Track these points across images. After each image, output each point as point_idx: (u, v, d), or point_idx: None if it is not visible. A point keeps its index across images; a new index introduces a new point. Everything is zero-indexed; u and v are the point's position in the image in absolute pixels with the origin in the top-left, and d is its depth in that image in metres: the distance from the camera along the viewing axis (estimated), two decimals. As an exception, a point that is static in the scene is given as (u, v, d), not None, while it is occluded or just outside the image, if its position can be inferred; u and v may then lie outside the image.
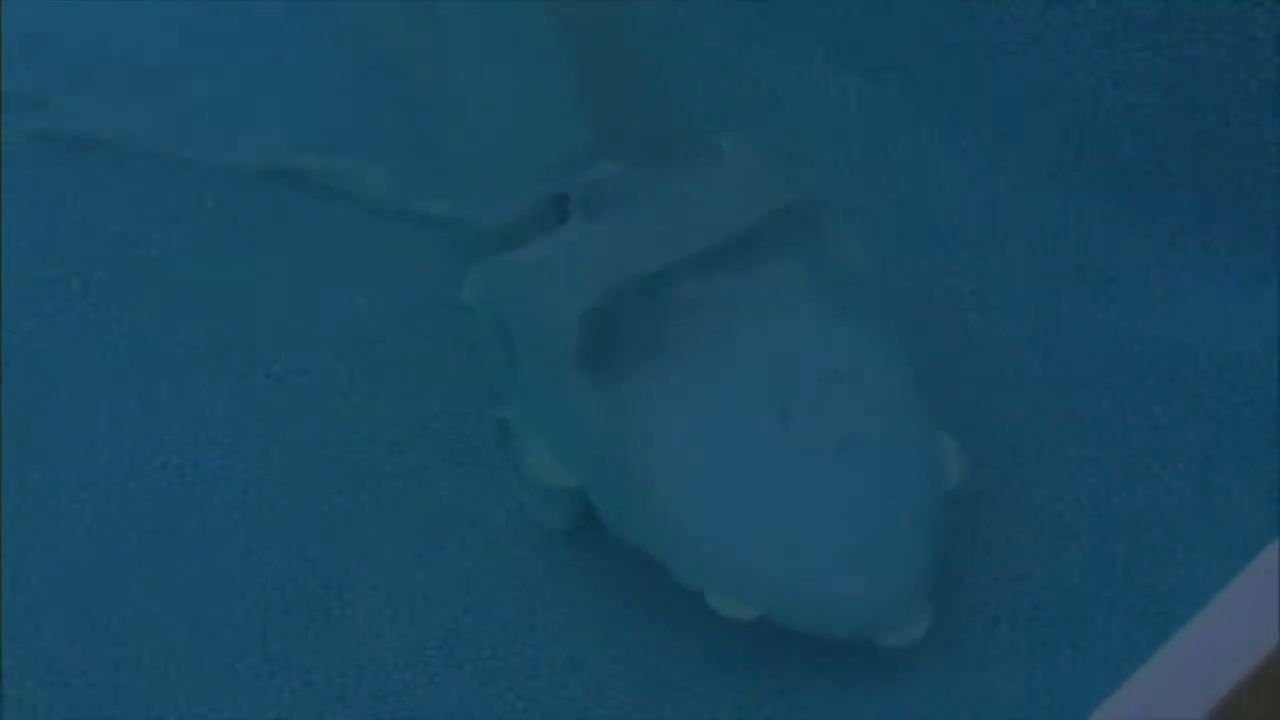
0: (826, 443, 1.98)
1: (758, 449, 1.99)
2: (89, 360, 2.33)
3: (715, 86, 2.49)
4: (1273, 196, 2.32)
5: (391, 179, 2.45)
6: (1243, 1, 2.27)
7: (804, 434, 1.99)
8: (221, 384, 2.30)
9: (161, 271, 2.41)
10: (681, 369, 2.03)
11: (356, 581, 2.12)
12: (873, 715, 1.96)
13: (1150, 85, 2.37)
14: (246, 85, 2.60)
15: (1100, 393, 2.23)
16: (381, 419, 2.25)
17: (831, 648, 1.96)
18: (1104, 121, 2.40)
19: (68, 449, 2.25)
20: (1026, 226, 2.40)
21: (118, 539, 2.18)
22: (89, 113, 2.56)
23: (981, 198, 2.43)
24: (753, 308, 2.08)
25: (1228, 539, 1.99)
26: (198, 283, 2.39)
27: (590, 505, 2.06)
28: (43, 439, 2.26)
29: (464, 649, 2.06)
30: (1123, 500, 2.12)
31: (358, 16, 2.63)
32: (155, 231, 2.45)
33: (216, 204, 2.48)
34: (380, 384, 2.29)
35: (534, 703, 2.01)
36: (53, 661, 2.07)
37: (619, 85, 2.32)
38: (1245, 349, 2.24)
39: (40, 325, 2.37)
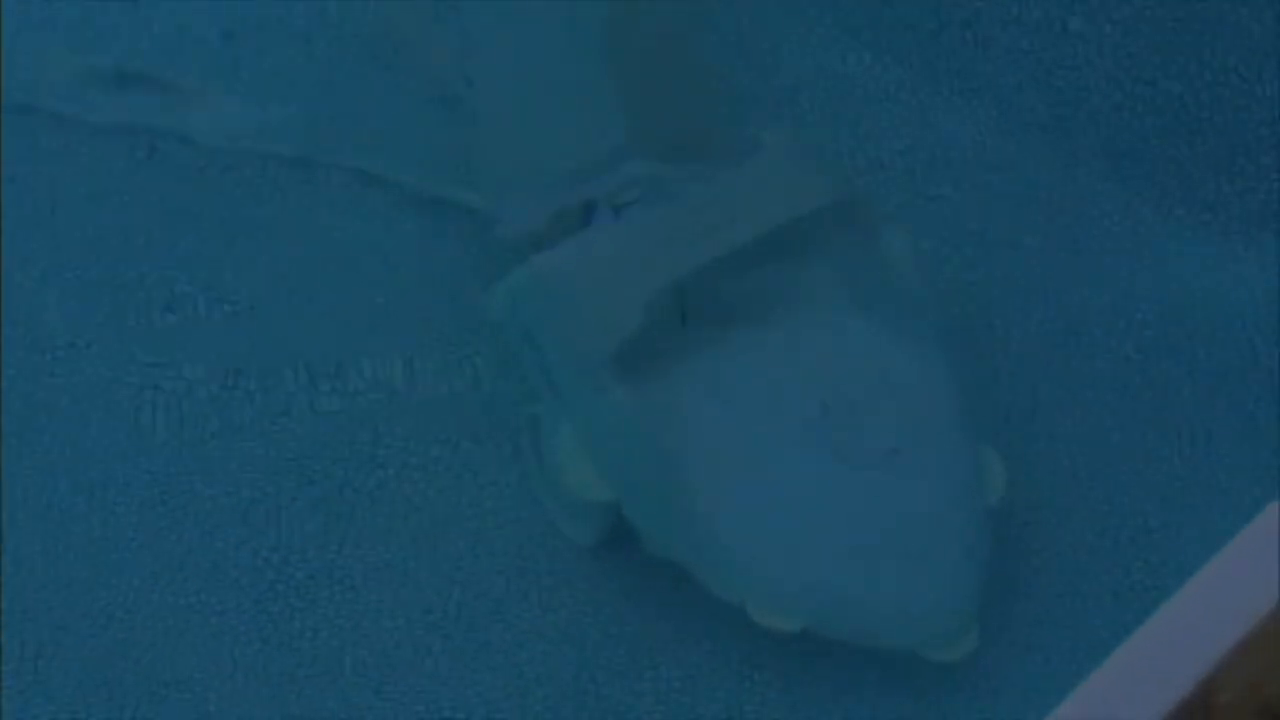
0: (870, 453, 1.95)
1: (798, 458, 1.96)
2: (92, 338, 2.31)
3: (754, 79, 2.44)
4: (1268, 159, 2.32)
5: (424, 168, 2.38)
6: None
7: (846, 443, 1.96)
8: (228, 364, 2.27)
9: (184, 254, 2.38)
10: (719, 376, 2.00)
11: (355, 570, 2.11)
12: (917, 731, 1.94)
13: (1144, 49, 2.38)
14: (281, 75, 2.53)
15: (1095, 356, 2.23)
16: (404, 412, 2.22)
17: (876, 661, 1.95)
18: (1099, 87, 2.40)
19: (66, 432, 2.24)
20: (1022, 190, 2.39)
21: (115, 520, 2.17)
22: (132, 101, 2.49)
23: (981, 162, 2.42)
24: (792, 312, 2.05)
25: (1225, 502, 1.99)
26: (219, 263, 2.36)
27: (619, 520, 2.02)
28: (39, 423, 2.24)
29: (493, 660, 2.04)
30: (1121, 467, 2.12)
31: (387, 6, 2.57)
32: (177, 212, 2.41)
33: (243, 189, 2.44)
34: (404, 374, 2.25)
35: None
36: (49, 644, 2.08)
37: (653, 80, 2.27)
38: (1240, 310, 2.25)
39: (46, 306, 2.34)
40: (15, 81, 2.45)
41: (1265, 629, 1.31)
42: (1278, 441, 2.10)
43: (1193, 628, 1.31)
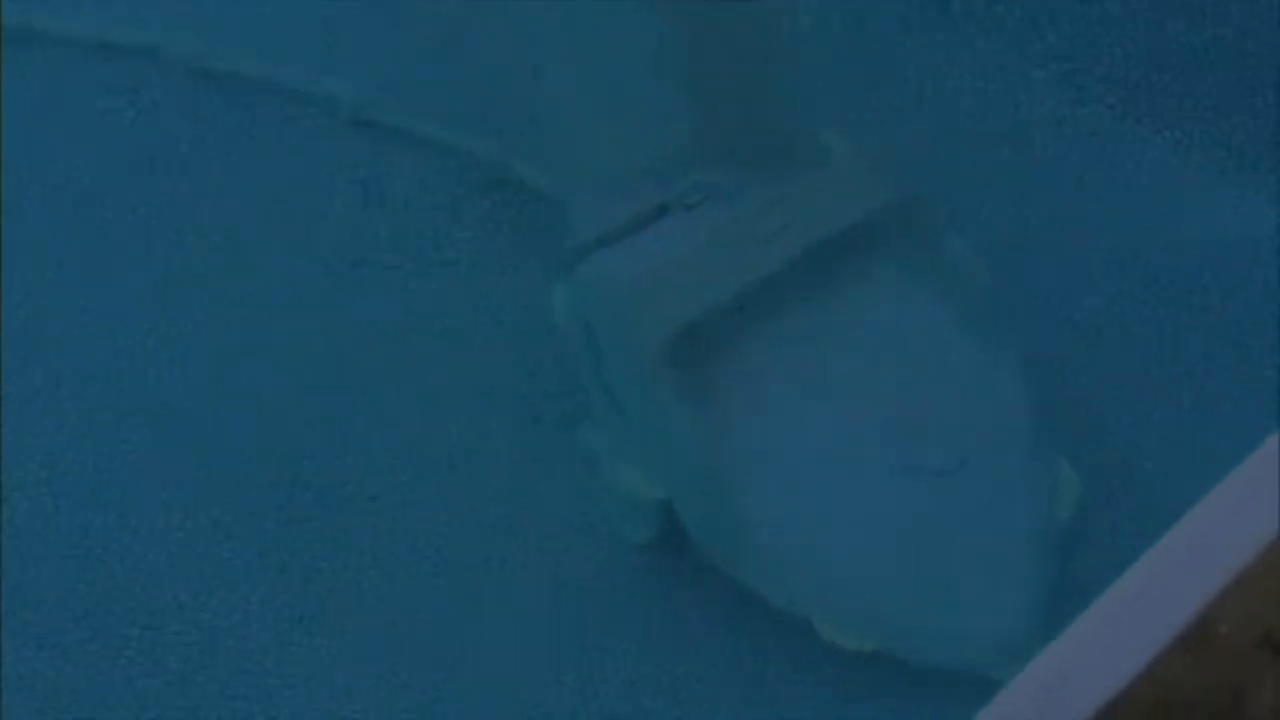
0: (935, 463, 1.89)
1: (861, 468, 1.90)
2: (101, 260, 2.33)
3: (822, 83, 2.37)
4: (1275, 96, 2.31)
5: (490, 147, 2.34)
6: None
7: (912, 453, 1.90)
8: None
9: (240, 209, 2.37)
10: (779, 383, 1.95)
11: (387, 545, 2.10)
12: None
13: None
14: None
15: (1100, 295, 2.23)
16: (458, 397, 2.20)
17: (939, 679, 1.88)
18: (1106, 23, 2.39)
19: (69, 345, 2.25)
20: (1030, 129, 2.37)
21: (117, 447, 2.18)
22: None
23: (989, 100, 2.40)
24: (855, 317, 1.99)
25: (1226, 439, 1.99)
26: (266, 219, 2.35)
27: (673, 518, 1.97)
28: (43, 336, 2.26)
29: (538, 657, 2.01)
30: (1123, 405, 2.12)
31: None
32: (233, 160, 2.41)
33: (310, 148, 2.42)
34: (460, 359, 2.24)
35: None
36: (47, 573, 2.10)
37: (721, 85, 2.19)
38: (1247, 249, 2.24)
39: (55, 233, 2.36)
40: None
41: (1264, 561, 1.32)
42: (1275, 387, 2.10)
43: (1191, 560, 1.33)
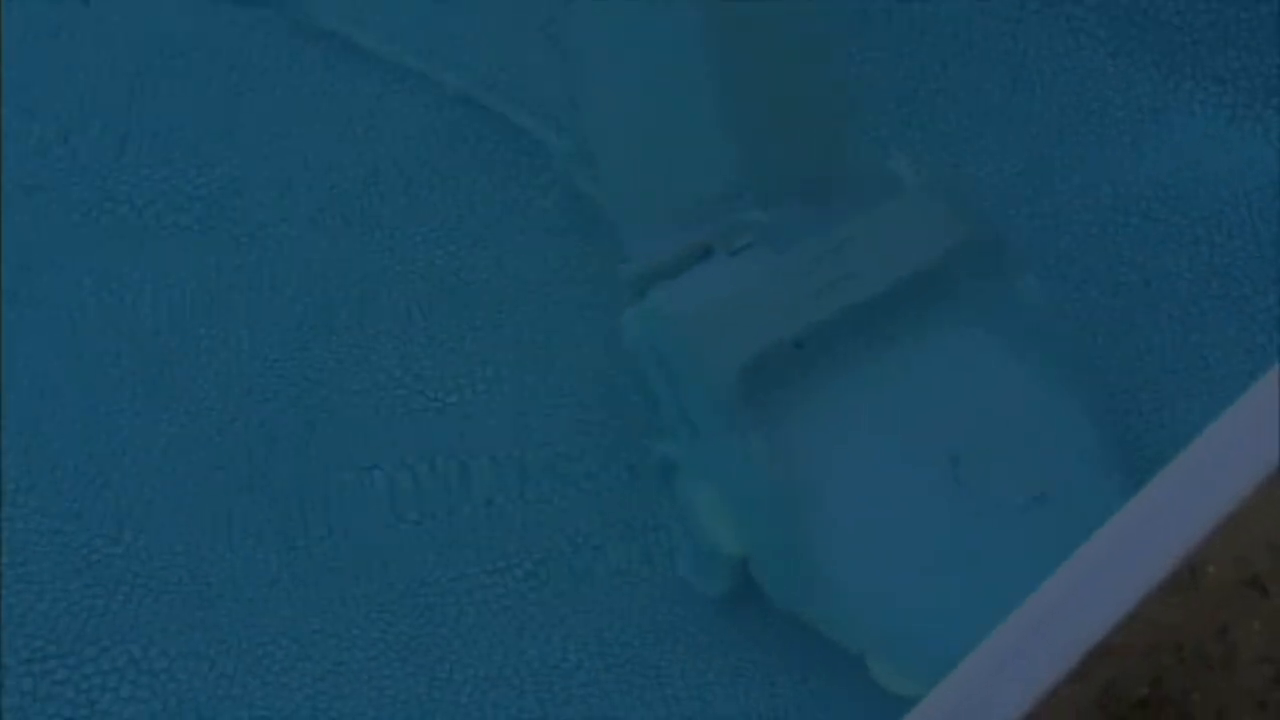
0: (1008, 500, 1.84)
1: (930, 509, 1.86)
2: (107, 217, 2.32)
3: (887, 110, 2.33)
4: (1272, 36, 2.30)
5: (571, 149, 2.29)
6: None
7: (982, 489, 1.85)
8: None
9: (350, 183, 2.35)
10: (844, 421, 1.91)
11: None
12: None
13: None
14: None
15: (1092, 232, 2.22)
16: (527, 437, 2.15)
17: None
18: None
19: (58, 323, 2.24)
20: (1019, 65, 2.35)
21: (110, 408, 2.18)
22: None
23: (976, 34, 2.37)
24: (926, 355, 1.94)
25: (1217, 382, 2.00)
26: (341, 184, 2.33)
27: (749, 575, 1.93)
28: (37, 280, 2.25)
29: (602, 692, 1.99)
30: (1114, 347, 2.11)
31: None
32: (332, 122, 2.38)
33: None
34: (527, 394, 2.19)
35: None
36: (48, 506, 2.11)
37: (774, 115, 2.13)
38: (1245, 186, 2.23)
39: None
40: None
41: (1252, 503, 1.33)
42: (1273, 323, 2.10)
43: (1180, 501, 1.33)
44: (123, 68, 2.44)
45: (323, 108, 2.41)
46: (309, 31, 2.45)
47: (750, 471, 1.90)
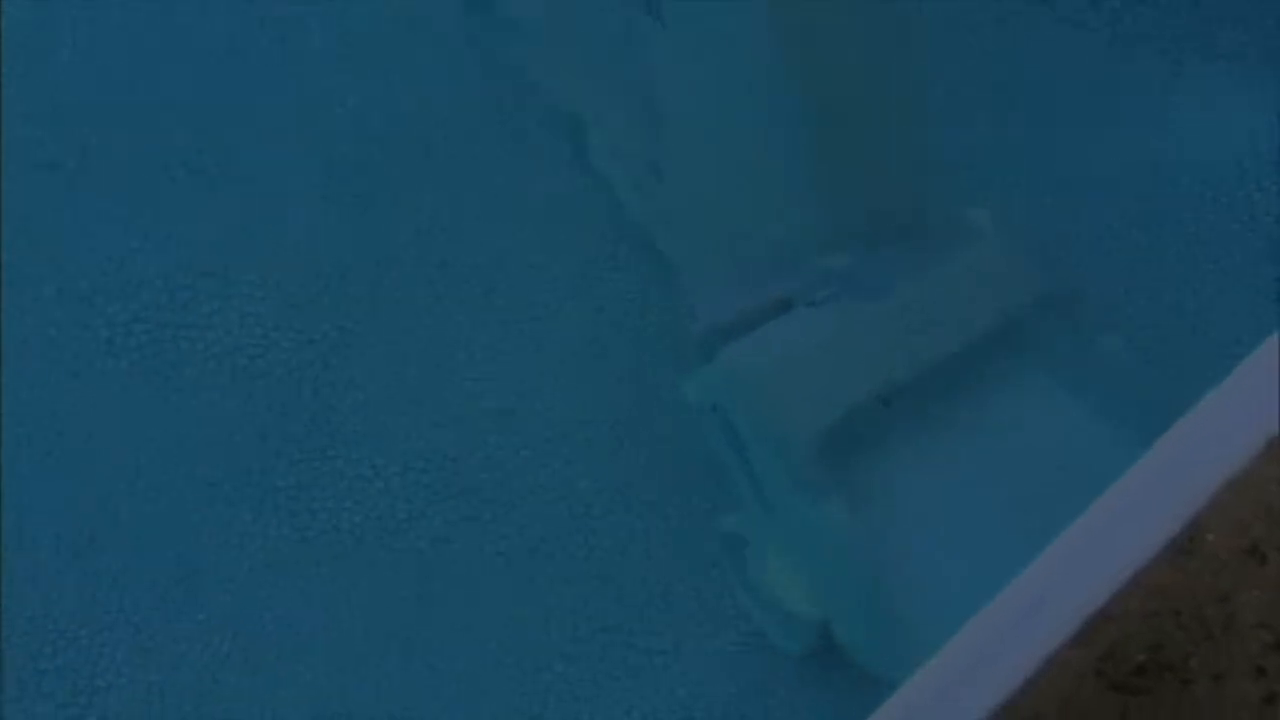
0: None
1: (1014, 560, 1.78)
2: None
3: (966, 159, 2.27)
4: (1273, 14, 2.31)
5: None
6: None
7: None
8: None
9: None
10: (927, 473, 1.90)
11: None
12: None
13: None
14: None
15: (1095, 210, 2.22)
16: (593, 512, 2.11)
17: None
18: None
19: (57, 308, 2.24)
20: (1017, 43, 2.35)
21: (106, 390, 2.17)
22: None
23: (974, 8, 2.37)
24: (1004, 415, 1.92)
25: (1222, 350, 2.00)
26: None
27: (829, 631, 1.91)
28: (34, 259, 2.25)
29: None
30: (1122, 310, 2.12)
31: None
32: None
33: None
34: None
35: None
36: (46, 489, 2.11)
37: (852, 166, 2.12)
38: (1244, 162, 2.24)
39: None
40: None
41: (1251, 471, 1.34)
42: (1270, 292, 2.11)
43: (1180, 469, 1.34)
44: (125, 37, 2.44)
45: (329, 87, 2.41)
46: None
47: (829, 536, 1.88)
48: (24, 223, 2.29)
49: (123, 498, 2.13)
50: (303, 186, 2.32)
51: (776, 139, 2.10)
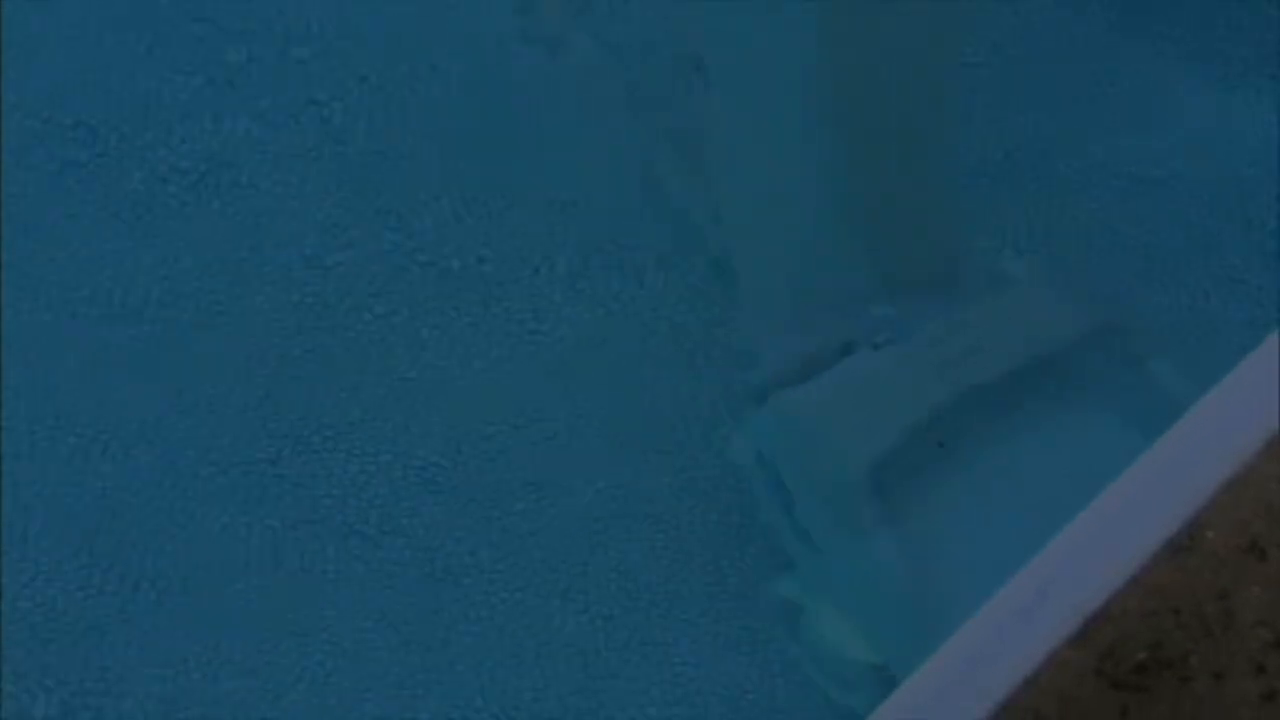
0: None
1: None
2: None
3: (1009, 205, 2.28)
4: (1273, 9, 2.31)
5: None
6: None
7: None
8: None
9: None
10: (979, 506, 1.90)
11: None
12: None
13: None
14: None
15: (1096, 202, 2.24)
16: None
17: None
18: None
19: (58, 297, 2.25)
20: (1022, 40, 2.37)
21: (107, 376, 2.19)
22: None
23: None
24: (1056, 448, 1.92)
25: (1223, 351, 2.00)
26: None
27: (890, 675, 1.89)
28: (34, 256, 2.26)
29: None
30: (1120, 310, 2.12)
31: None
32: None
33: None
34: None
35: None
36: (46, 486, 2.12)
37: (899, 215, 2.15)
38: (1245, 155, 2.24)
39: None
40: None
41: (1251, 468, 1.34)
42: (1271, 291, 2.10)
43: (1180, 467, 1.34)
44: (123, 36, 2.45)
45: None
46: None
47: (880, 574, 1.87)
48: (24, 223, 2.29)
49: (123, 497, 2.13)
50: (305, 186, 2.33)
51: (821, 192, 2.12)
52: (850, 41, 2.17)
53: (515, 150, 2.36)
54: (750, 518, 2.05)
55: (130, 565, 2.09)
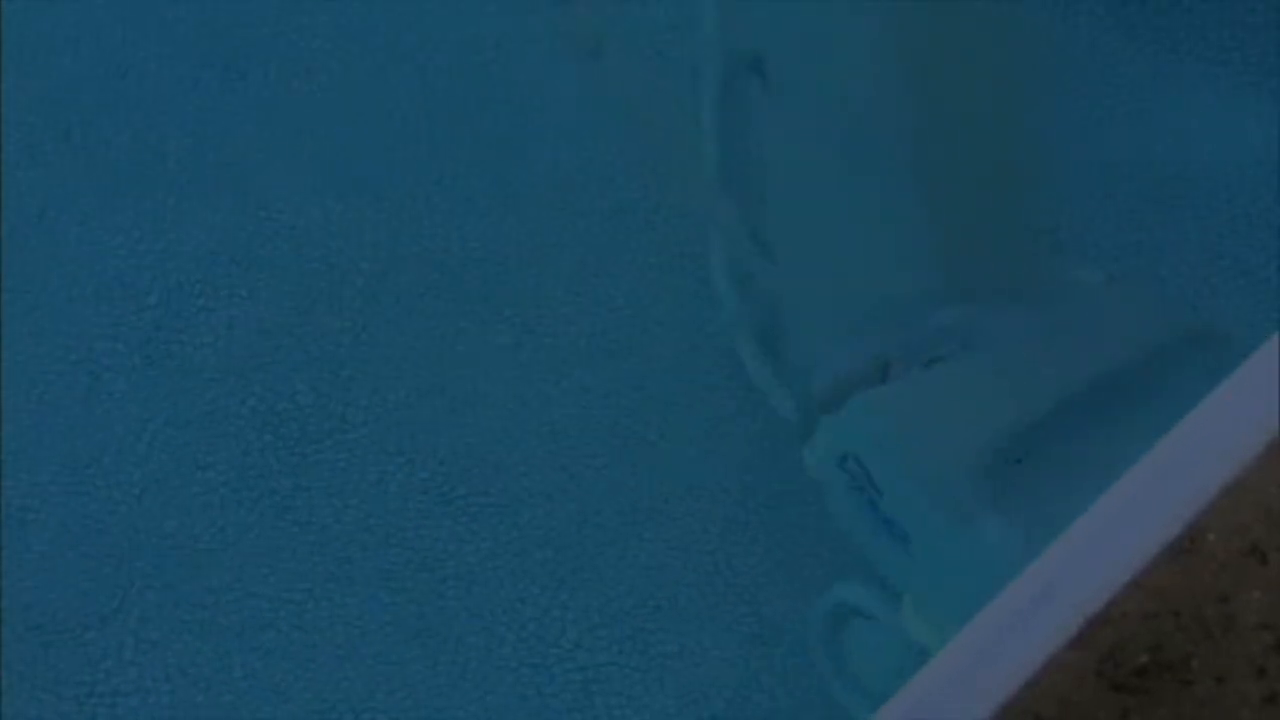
0: None
1: None
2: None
3: (1085, 214, 2.29)
4: (1274, 10, 2.32)
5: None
6: None
7: None
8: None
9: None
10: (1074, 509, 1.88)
11: None
12: None
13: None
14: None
15: (1096, 206, 2.25)
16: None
17: None
18: None
19: (56, 296, 2.27)
20: (1020, 40, 2.29)
21: (102, 376, 2.21)
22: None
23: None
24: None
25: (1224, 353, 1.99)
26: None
27: None
28: (34, 250, 2.28)
29: None
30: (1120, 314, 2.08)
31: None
32: None
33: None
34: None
35: None
36: (46, 478, 2.14)
37: (965, 217, 2.09)
38: (1245, 159, 2.24)
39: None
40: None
41: (1253, 471, 1.33)
42: (1272, 293, 2.10)
43: (1180, 469, 1.34)
44: (120, 27, 2.47)
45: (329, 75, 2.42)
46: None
47: (990, 555, 1.83)
48: (24, 222, 2.30)
49: (124, 496, 2.13)
50: (306, 184, 2.34)
51: (899, 199, 2.08)
52: (918, 39, 2.12)
53: (518, 150, 2.35)
54: (752, 517, 2.04)
55: (130, 565, 2.10)
